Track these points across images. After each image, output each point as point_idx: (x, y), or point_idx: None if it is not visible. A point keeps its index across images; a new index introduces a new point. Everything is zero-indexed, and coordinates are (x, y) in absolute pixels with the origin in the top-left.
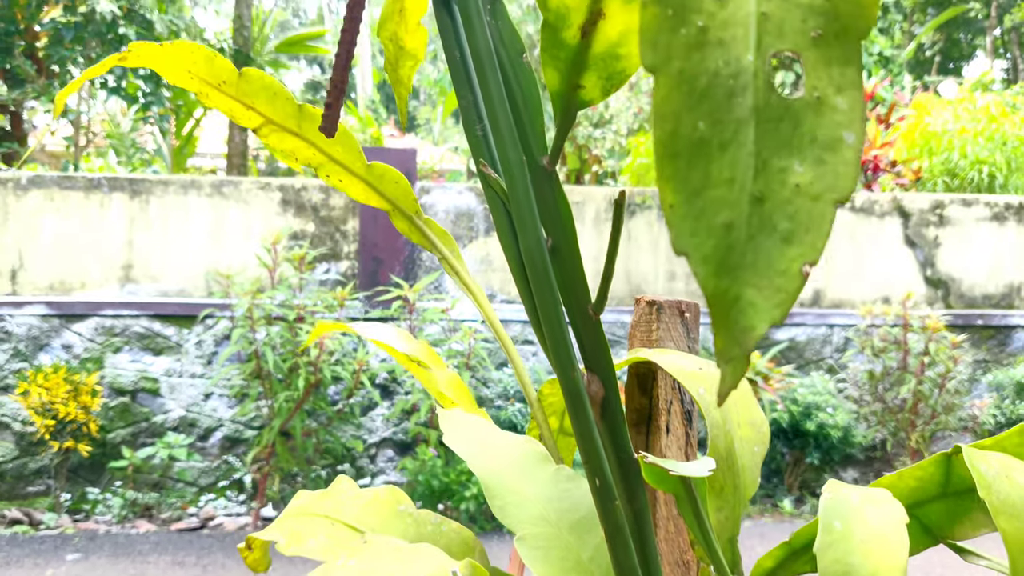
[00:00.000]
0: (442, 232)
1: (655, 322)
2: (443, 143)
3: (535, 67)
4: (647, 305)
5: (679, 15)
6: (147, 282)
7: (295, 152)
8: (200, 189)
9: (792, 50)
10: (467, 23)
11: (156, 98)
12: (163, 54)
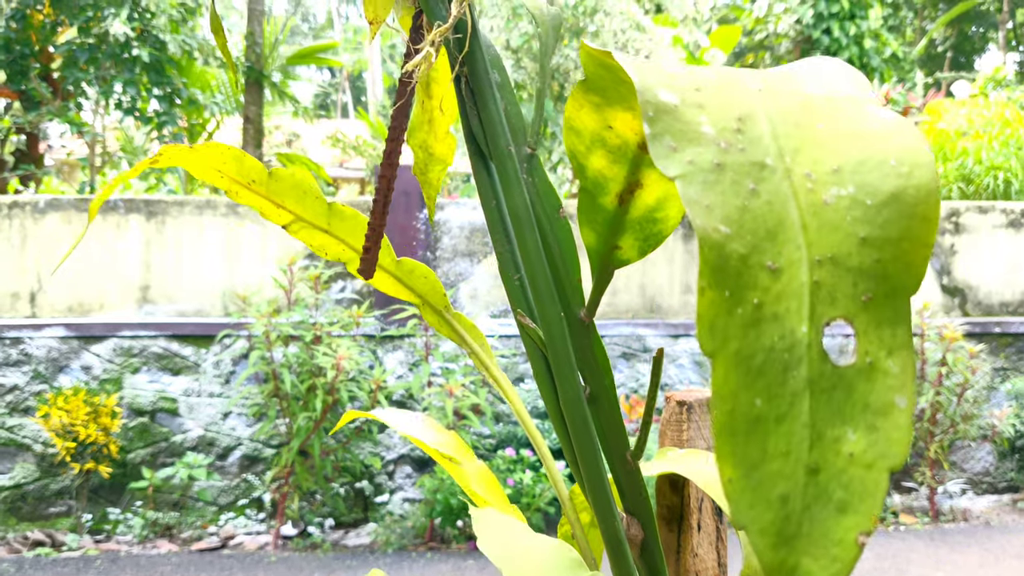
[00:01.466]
0: (470, 326)
1: (685, 422)
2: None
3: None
4: (677, 405)
5: (736, 295)
6: (164, 303)
7: (325, 247)
8: (216, 209)
9: (844, 316)
10: (504, 180)
11: (169, 117)
12: (194, 156)
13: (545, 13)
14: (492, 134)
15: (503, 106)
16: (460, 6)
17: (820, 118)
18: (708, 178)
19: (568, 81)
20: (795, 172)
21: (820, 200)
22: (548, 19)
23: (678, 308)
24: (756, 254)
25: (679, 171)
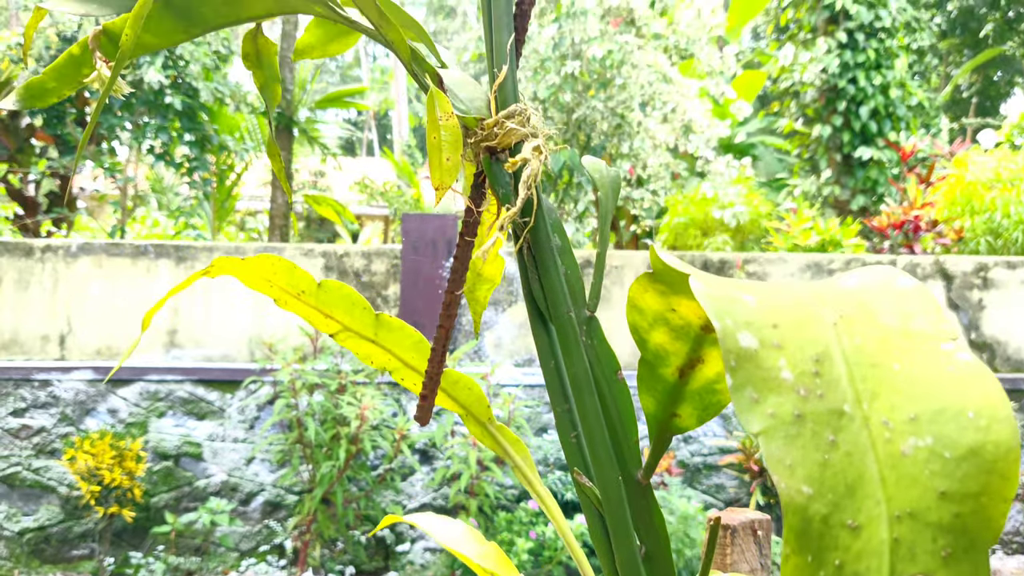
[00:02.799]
0: (514, 439)
1: (729, 545)
2: None
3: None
4: (721, 528)
5: (818, 558)
6: (192, 347)
7: (371, 356)
8: (244, 255)
9: (924, 572)
10: (564, 344)
11: (200, 163)
12: (245, 267)
13: (604, 175)
14: (553, 300)
15: (563, 271)
16: (527, 190)
17: (897, 357)
18: (789, 431)
19: (594, 131)
20: (873, 420)
21: (898, 451)
22: (608, 181)
23: None
24: (837, 513)
25: (761, 426)
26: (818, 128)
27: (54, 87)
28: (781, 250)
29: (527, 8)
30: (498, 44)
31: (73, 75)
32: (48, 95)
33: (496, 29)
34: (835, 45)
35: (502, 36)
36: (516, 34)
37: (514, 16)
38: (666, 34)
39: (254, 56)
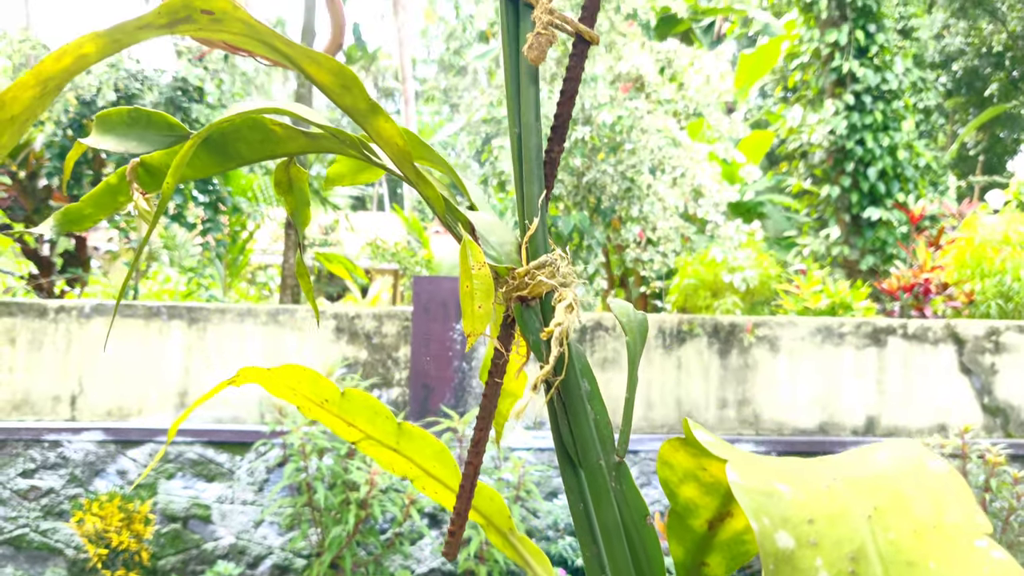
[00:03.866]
0: (535, 550)
1: None
2: None
3: None
4: None
5: None
6: (202, 409)
7: (393, 464)
8: (256, 317)
9: None
10: (594, 490)
11: (214, 224)
12: (271, 376)
13: (632, 320)
14: (583, 448)
15: (593, 416)
16: (560, 347)
17: (932, 554)
18: None
19: (604, 194)
20: None
21: None
22: (636, 326)
23: (714, 423)
24: None
25: None
26: (827, 188)
27: (91, 213)
28: (791, 313)
29: (556, 156)
30: (528, 196)
31: (110, 202)
32: (85, 221)
33: (527, 181)
34: (843, 107)
35: (533, 189)
36: (545, 180)
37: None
38: (675, 99)
39: (286, 184)
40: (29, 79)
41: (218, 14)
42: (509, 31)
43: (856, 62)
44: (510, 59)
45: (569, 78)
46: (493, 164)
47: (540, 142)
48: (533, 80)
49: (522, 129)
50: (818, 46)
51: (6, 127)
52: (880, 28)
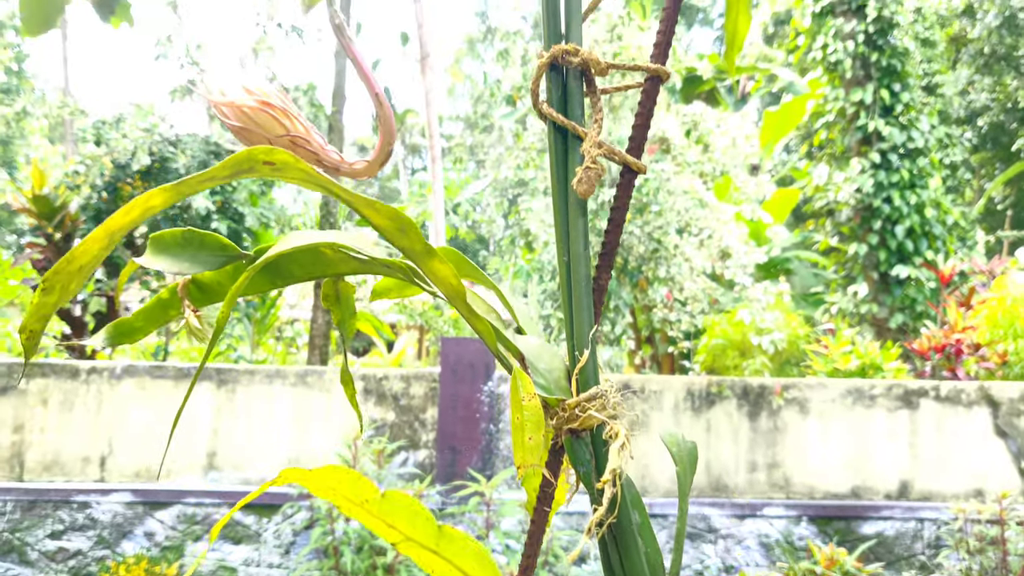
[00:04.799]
0: None
1: None
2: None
3: None
4: None
5: None
6: (230, 470)
7: (432, 566)
8: (285, 379)
9: None
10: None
11: None
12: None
13: (682, 448)
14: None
15: (644, 549)
16: (613, 489)
17: None
18: None
19: (631, 255)
20: None
21: None
22: (686, 455)
23: (744, 487)
24: None
25: None
26: (854, 246)
27: (141, 326)
28: (821, 374)
29: (604, 283)
30: (578, 325)
31: (160, 317)
32: (136, 334)
33: (576, 310)
34: (869, 165)
35: (582, 318)
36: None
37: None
38: (701, 160)
39: (334, 297)
40: (100, 234)
41: (279, 165)
42: (557, 161)
43: (882, 121)
44: (559, 190)
45: (617, 207)
46: (520, 224)
47: (589, 272)
48: (582, 211)
49: (571, 259)
50: (843, 105)
51: (74, 276)
52: (905, 87)
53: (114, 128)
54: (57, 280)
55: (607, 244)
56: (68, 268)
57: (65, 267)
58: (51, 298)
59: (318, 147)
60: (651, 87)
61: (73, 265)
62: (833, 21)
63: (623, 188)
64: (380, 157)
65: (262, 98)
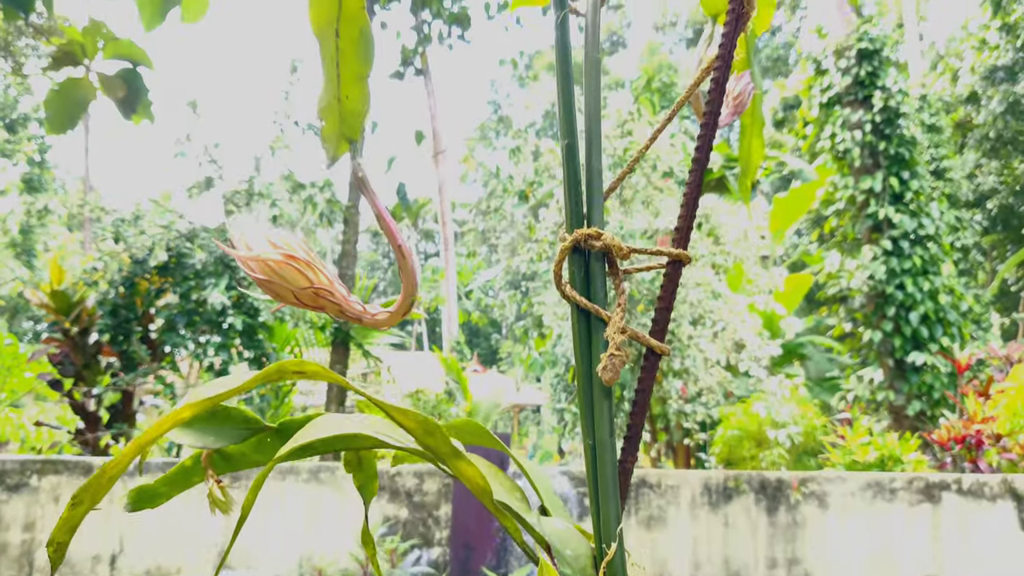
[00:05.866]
0: None
1: None
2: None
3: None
4: None
5: None
6: (242, 568)
7: None
8: (298, 475)
9: None
10: None
11: None
12: None
13: None
14: None
15: None
16: None
17: None
18: None
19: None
20: None
21: None
22: None
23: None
24: None
25: None
26: (868, 333)
27: (164, 492)
28: (839, 466)
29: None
30: (605, 516)
31: (183, 482)
32: (158, 499)
33: (603, 498)
34: (880, 252)
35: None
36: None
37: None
38: (713, 251)
39: (355, 463)
40: (131, 449)
41: (309, 373)
42: (581, 343)
43: (892, 208)
44: (583, 373)
45: (640, 389)
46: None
47: (615, 458)
48: (606, 394)
49: (596, 444)
50: (853, 193)
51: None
52: (914, 175)
53: (132, 225)
54: (87, 494)
55: (632, 427)
56: (99, 481)
57: (96, 481)
58: (80, 511)
59: (341, 299)
60: (673, 271)
61: (104, 478)
62: (840, 111)
63: (647, 371)
64: (403, 308)
65: (287, 251)
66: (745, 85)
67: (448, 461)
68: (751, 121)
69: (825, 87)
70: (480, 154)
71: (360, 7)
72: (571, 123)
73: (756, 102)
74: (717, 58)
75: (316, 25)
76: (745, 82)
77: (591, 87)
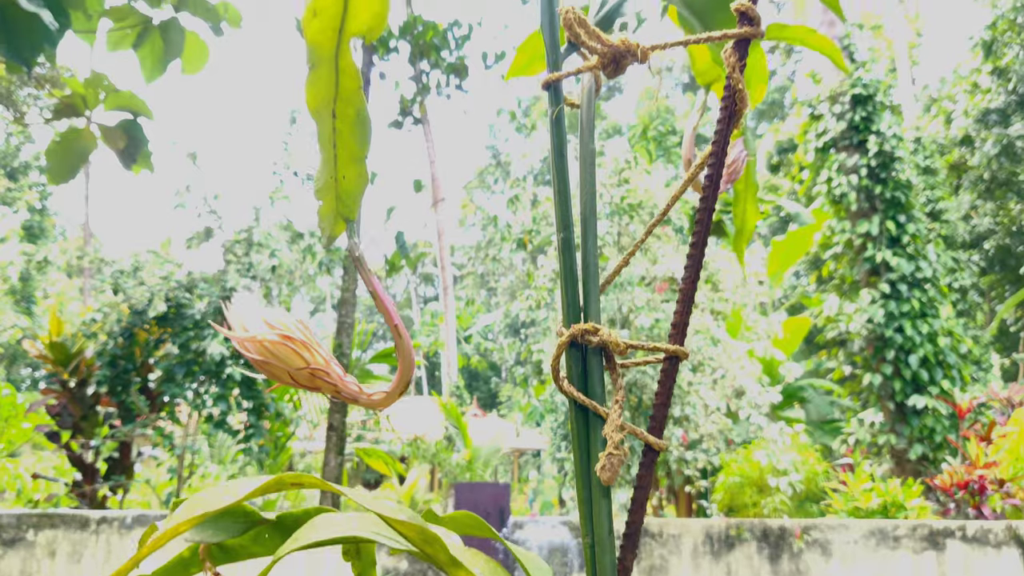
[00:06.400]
0: None
1: None
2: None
3: None
4: None
5: None
6: None
7: None
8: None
9: None
10: None
11: (257, 430)
12: None
13: None
14: None
15: None
16: None
17: None
18: None
19: (644, 393)
20: None
21: None
22: None
23: None
24: None
25: None
26: (868, 376)
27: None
28: (842, 513)
29: (629, 565)
30: None
31: (182, 574)
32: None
33: None
34: (879, 295)
35: None
36: None
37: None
38: (712, 298)
39: (354, 552)
40: (128, 566)
41: (307, 484)
42: (580, 440)
43: (889, 251)
44: (582, 471)
45: (639, 487)
46: (532, 362)
47: (614, 557)
48: (605, 493)
49: (595, 542)
50: (850, 236)
51: None
52: (911, 218)
53: (131, 276)
54: None
55: (631, 524)
56: None
57: None
58: None
59: (337, 379)
60: (670, 367)
61: None
62: (836, 155)
63: (645, 467)
64: (398, 388)
65: (283, 331)
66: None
67: (447, 569)
68: (745, 187)
69: (820, 132)
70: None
71: (357, 88)
72: (567, 216)
73: (750, 168)
74: (710, 155)
75: (313, 106)
76: (739, 150)
77: (586, 178)
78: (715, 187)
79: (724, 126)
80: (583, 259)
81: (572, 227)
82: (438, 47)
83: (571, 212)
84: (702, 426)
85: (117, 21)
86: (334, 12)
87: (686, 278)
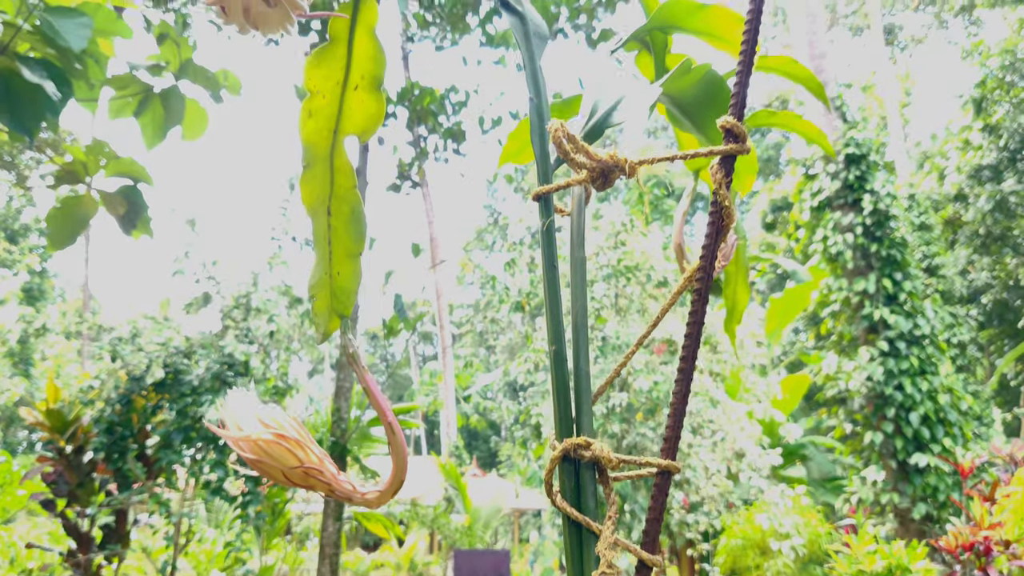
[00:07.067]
0: None
1: None
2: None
3: None
4: None
5: None
6: None
7: None
8: None
9: None
10: None
11: (254, 496)
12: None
13: None
14: None
15: None
16: None
17: None
18: None
19: (642, 453)
20: None
21: None
22: None
23: None
24: None
25: None
26: (869, 435)
27: None
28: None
29: None
30: None
31: None
32: None
33: None
34: (877, 353)
35: None
36: None
37: None
38: (710, 360)
39: None
40: None
41: None
42: (573, 556)
43: (886, 309)
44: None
45: None
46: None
47: None
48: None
49: None
50: (847, 295)
51: None
52: (907, 276)
53: (129, 343)
54: None
55: None
56: None
57: None
58: None
59: (331, 477)
60: (663, 481)
61: None
62: (831, 214)
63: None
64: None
65: (277, 430)
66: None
67: None
68: (735, 269)
69: (815, 191)
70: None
71: (351, 187)
72: (559, 329)
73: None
74: (699, 269)
75: (308, 204)
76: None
77: (577, 284)
78: (703, 301)
79: (712, 241)
80: (575, 370)
81: (564, 340)
82: (435, 112)
83: (563, 325)
84: (703, 488)
85: (119, 89)
86: (329, 113)
87: (676, 391)
